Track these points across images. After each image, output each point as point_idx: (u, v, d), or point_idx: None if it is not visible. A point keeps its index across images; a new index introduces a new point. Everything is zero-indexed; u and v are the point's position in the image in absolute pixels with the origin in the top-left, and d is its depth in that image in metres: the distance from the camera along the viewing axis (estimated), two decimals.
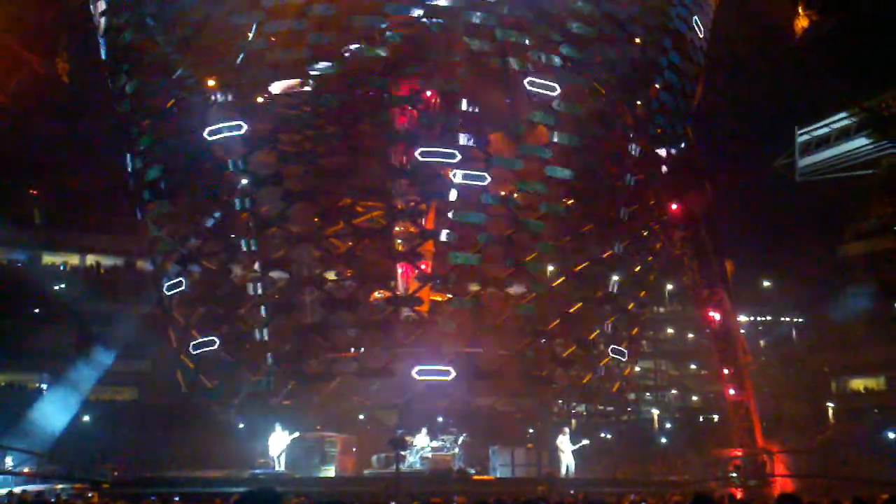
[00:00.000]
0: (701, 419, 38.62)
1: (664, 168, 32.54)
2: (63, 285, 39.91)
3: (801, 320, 50.45)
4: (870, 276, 44.59)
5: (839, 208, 48.08)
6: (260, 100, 28.95)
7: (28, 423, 30.63)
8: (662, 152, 32.16)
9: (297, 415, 28.38)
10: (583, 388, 30.35)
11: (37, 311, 37.57)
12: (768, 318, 52.09)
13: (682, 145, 34.00)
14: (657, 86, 31.57)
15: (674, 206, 35.42)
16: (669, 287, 45.92)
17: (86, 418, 35.17)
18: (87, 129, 35.24)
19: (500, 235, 28.48)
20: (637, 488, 22.28)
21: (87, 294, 36.72)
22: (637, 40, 30.98)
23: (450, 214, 28.51)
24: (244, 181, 28.79)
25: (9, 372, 37.50)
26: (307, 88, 28.32)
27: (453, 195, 28.61)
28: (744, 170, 43.70)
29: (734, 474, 30.44)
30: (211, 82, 29.19)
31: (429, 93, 29.63)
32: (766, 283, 51.85)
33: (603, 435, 31.34)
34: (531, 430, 30.41)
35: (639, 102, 31.52)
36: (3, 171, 38.87)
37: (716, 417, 37.66)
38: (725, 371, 35.24)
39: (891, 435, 34.75)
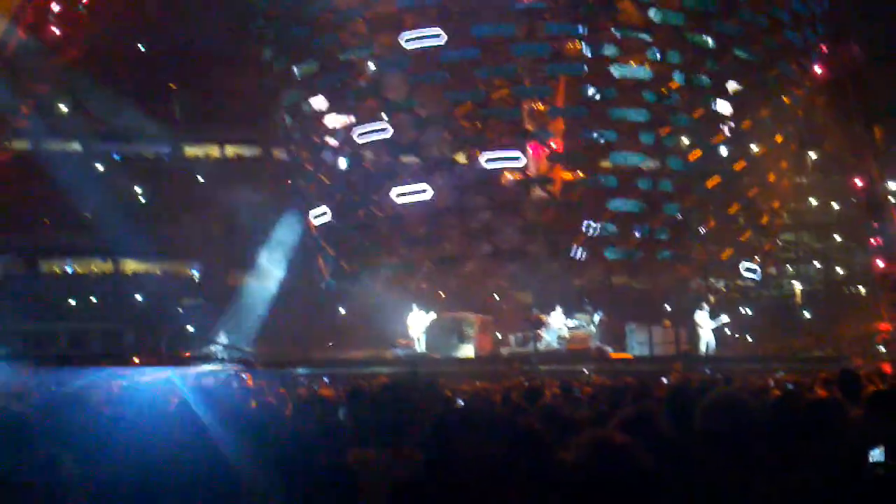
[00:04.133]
0: (846, 292, 37.29)
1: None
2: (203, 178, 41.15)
3: None
4: None
5: None
6: None
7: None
8: None
9: (434, 296, 28.89)
10: (722, 263, 29.72)
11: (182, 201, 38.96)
12: None
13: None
14: None
15: (818, 70, 33.43)
16: (812, 156, 43.86)
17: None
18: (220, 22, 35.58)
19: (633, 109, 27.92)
20: (781, 364, 21.84)
21: (229, 185, 37.75)
22: None
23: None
24: (372, 67, 29.04)
25: (164, 261, 39.38)
26: None
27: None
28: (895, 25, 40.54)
29: (882, 348, 29.50)
30: None
31: None
32: None
33: (743, 311, 30.70)
34: (668, 308, 30.06)
35: None
36: (144, 67, 39.98)
37: (862, 290, 36.27)
38: (873, 241, 33.80)
39: None
